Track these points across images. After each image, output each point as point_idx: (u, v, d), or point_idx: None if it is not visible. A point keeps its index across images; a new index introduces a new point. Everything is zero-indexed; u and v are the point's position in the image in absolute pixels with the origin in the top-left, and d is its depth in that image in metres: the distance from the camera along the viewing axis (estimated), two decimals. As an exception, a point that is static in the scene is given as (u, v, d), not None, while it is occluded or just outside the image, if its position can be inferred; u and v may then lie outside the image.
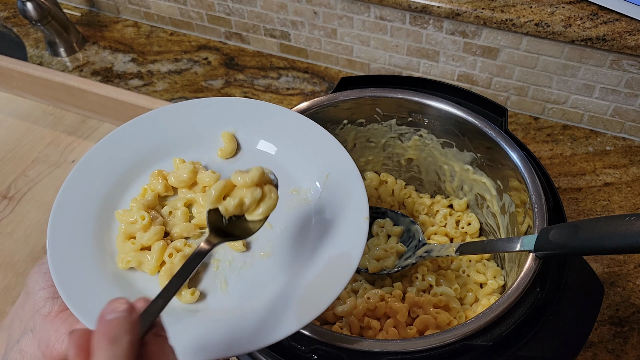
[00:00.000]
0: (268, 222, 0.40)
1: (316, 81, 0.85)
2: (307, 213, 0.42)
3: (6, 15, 0.98)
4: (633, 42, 0.63)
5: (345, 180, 0.42)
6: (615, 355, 0.56)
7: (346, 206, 0.41)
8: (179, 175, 0.42)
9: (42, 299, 0.37)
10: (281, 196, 0.41)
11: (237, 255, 0.40)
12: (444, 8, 0.69)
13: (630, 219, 0.37)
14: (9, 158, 0.79)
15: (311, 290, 0.37)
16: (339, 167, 0.43)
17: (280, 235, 0.41)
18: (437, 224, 0.62)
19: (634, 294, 0.60)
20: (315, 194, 0.42)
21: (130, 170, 0.43)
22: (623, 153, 0.73)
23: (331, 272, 0.38)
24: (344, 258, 0.38)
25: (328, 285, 0.37)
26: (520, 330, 0.42)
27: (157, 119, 0.45)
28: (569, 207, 0.67)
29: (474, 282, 0.57)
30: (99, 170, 0.42)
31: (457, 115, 0.54)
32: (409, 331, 0.51)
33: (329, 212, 0.41)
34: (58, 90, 0.82)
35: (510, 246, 0.46)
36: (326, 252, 0.39)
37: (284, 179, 0.43)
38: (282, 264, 0.40)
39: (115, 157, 0.43)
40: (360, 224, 0.40)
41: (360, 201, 0.41)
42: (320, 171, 0.43)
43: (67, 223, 0.39)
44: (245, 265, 0.39)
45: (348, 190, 0.42)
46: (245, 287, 0.38)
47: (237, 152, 0.45)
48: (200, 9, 0.88)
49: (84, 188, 0.41)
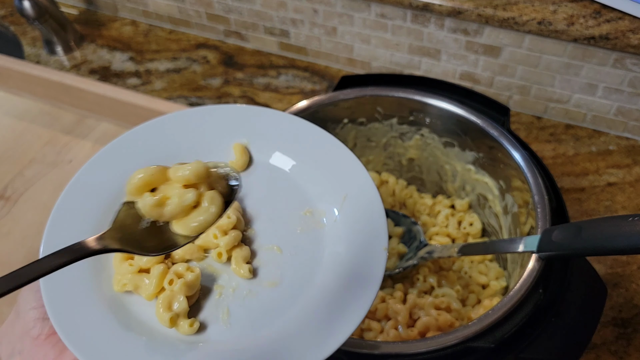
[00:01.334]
0: (277, 247, 0.37)
1: (316, 80, 0.84)
2: (321, 238, 0.38)
3: (3, 14, 0.97)
4: (636, 40, 0.63)
5: (365, 204, 0.38)
6: (618, 357, 0.55)
7: (364, 233, 0.37)
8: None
9: (32, 319, 0.35)
10: (296, 215, 0.38)
11: (242, 282, 0.37)
12: (445, 6, 0.69)
13: (634, 220, 0.36)
14: (6, 158, 0.79)
15: (320, 327, 0.34)
16: (358, 188, 0.39)
17: (290, 262, 0.37)
18: (439, 224, 0.61)
19: (637, 295, 0.59)
20: (331, 218, 0.39)
21: None
22: (626, 153, 0.72)
23: (344, 308, 0.34)
24: (358, 292, 0.34)
25: (339, 322, 0.33)
26: (523, 332, 0.41)
27: (161, 127, 0.41)
28: (571, 207, 0.67)
29: (476, 283, 0.56)
30: (98, 185, 0.39)
31: (459, 114, 0.53)
32: (410, 333, 0.50)
33: (345, 239, 0.37)
34: (55, 89, 0.81)
35: (512, 247, 0.46)
36: (340, 285, 0.35)
37: (298, 198, 0.39)
38: (290, 296, 0.36)
39: (115, 169, 0.39)
40: (378, 255, 0.36)
41: (379, 229, 0.37)
42: (338, 192, 0.39)
43: (62, 241, 0.35)
44: (250, 294, 0.36)
45: (367, 215, 0.38)
46: (249, 319, 0.35)
47: (249, 165, 0.41)
48: (198, 7, 0.88)
49: (81, 204, 0.38)
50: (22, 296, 0.36)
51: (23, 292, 0.36)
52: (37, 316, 0.35)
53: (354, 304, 0.34)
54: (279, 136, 0.42)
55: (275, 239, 0.38)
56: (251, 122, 0.42)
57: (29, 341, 0.35)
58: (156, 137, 0.41)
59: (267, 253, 0.38)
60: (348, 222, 0.38)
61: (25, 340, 0.35)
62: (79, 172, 0.39)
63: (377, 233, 0.37)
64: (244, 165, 0.41)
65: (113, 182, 0.39)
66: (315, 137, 0.41)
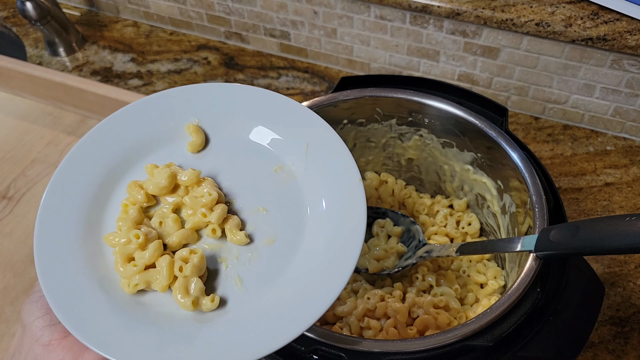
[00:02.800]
0: (263, 207, 0.40)
1: (316, 81, 0.85)
2: (298, 188, 0.40)
3: (5, 15, 0.98)
4: (634, 41, 0.63)
5: (328, 147, 0.41)
6: (615, 355, 0.55)
7: (335, 172, 0.40)
8: (157, 182, 0.39)
9: (39, 328, 0.35)
10: (269, 174, 0.41)
11: (241, 249, 0.38)
12: (444, 8, 0.69)
13: (631, 219, 0.37)
14: (8, 158, 0.79)
15: (328, 262, 0.36)
16: (317, 135, 0.41)
17: (278, 217, 0.40)
18: (438, 224, 0.61)
19: (634, 294, 0.60)
20: (301, 167, 0.41)
21: (103, 187, 0.40)
22: (624, 153, 0.73)
23: (342, 239, 0.37)
24: (349, 223, 0.37)
25: (343, 251, 0.36)
26: (521, 330, 0.42)
27: (115, 125, 0.42)
28: (569, 207, 0.67)
29: (474, 282, 0.57)
30: (71, 196, 0.39)
31: (458, 115, 0.54)
32: (409, 331, 0.51)
33: (320, 183, 0.40)
34: (57, 90, 0.82)
35: (510, 246, 0.46)
36: (330, 222, 0.38)
37: (264, 159, 0.41)
38: (289, 246, 0.38)
39: (83, 177, 0.40)
40: (355, 188, 0.38)
41: (348, 165, 0.39)
42: (299, 143, 0.41)
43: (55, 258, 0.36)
44: (253, 257, 0.38)
45: (332, 156, 0.40)
46: (261, 278, 0.37)
47: (207, 143, 0.42)
48: (200, 9, 0.88)
49: (62, 218, 0.38)
50: (25, 310, 0.36)
51: (26, 306, 0.36)
52: (44, 324, 0.35)
53: (350, 230, 0.37)
54: (227, 107, 0.43)
55: (257, 201, 0.40)
56: (195, 100, 0.43)
57: (39, 349, 0.35)
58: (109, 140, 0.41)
59: (254, 216, 0.39)
60: (317, 167, 0.40)
61: (36, 349, 0.35)
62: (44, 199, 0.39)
63: (347, 168, 0.39)
64: (201, 143, 0.42)
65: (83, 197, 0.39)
66: (265, 99, 0.43)
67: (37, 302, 0.36)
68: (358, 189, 0.38)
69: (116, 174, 0.41)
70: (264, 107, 0.43)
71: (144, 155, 0.42)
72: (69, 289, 0.35)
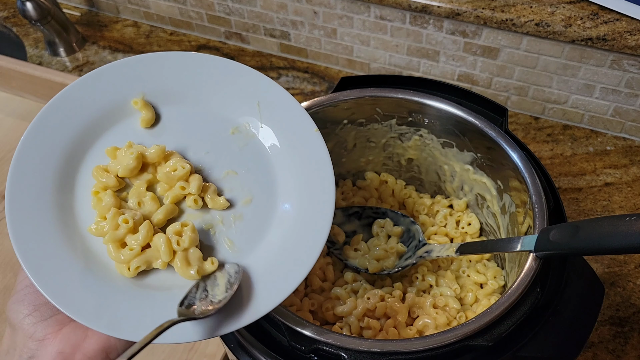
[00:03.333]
0: (232, 170, 0.41)
1: (316, 81, 0.85)
2: (259, 146, 0.42)
3: (6, 15, 0.98)
4: (633, 42, 0.63)
5: (279, 103, 0.42)
6: (615, 355, 0.56)
7: (290, 126, 0.41)
8: (126, 164, 0.38)
9: (30, 325, 0.35)
10: (227, 138, 0.42)
11: (224, 213, 0.40)
12: (444, 8, 0.69)
13: (631, 219, 0.37)
14: (8, 158, 0.79)
15: (311, 207, 0.38)
16: (266, 93, 0.42)
17: (249, 176, 0.41)
18: (437, 224, 0.62)
19: (634, 294, 0.60)
20: (256, 126, 0.42)
21: (65, 175, 0.39)
22: (623, 153, 0.73)
23: (314, 186, 0.39)
24: (316, 170, 0.39)
25: (320, 197, 0.38)
26: (521, 330, 0.42)
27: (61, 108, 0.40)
28: (569, 207, 0.67)
29: (474, 282, 0.57)
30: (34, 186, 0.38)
31: (458, 115, 0.54)
32: (409, 331, 0.51)
33: (278, 135, 0.42)
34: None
35: (510, 246, 0.46)
36: (297, 173, 0.40)
37: (220, 123, 0.42)
38: (267, 201, 0.40)
39: (41, 165, 0.38)
40: (314, 138, 0.40)
41: (302, 117, 0.41)
42: (251, 102, 0.42)
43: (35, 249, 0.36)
44: (237, 218, 0.40)
45: (285, 111, 0.42)
46: (249, 236, 0.39)
47: (158, 117, 0.42)
48: (200, 9, 0.88)
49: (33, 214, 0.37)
50: (12, 310, 0.36)
51: (11, 306, 0.36)
52: (34, 320, 0.35)
53: (320, 181, 0.39)
54: (172, 77, 0.43)
55: (225, 165, 0.41)
56: (139, 74, 0.42)
57: (36, 345, 0.35)
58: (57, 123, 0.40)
59: (226, 180, 0.41)
60: (272, 123, 0.42)
61: (30, 344, 0.35)
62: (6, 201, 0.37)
63: (302, 121, 0.41)
64: (152, 117, 0.42)
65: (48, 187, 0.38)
66: (209, 65, 0.43)
67: (22, 301, 0.36)
68: (317, 138, 0.41)
69: (74, 159, 0.40)
70: (210, 73, 0.43)
71: (97, 137, 0.41)
72: (56, 273, 0.35)
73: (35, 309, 0.36)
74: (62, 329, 0.35)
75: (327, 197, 0.39)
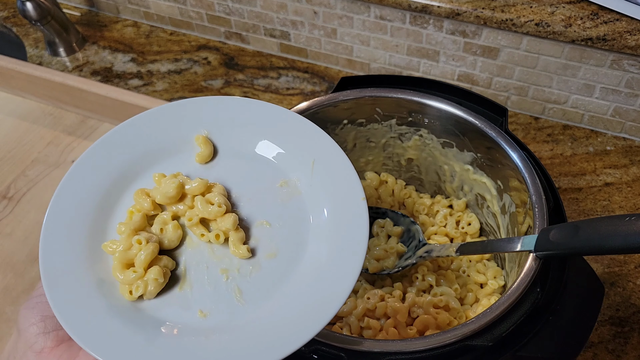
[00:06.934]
0: (266, 221, 0.40)
1: (316, 81, 0.85)
2: (302, 204, 0.41)
3: (6, 15, 0.98)
4: (633, 42, 0.63)
5: (333, 164, 0.41)
6: (615, 355, 0.56)
7: (340, 191, 0.40)
8: (165, 191, 0.39)
9: (33, 335, 0.35)
10: (272, 190, 0.41)
11: (243, 262, 0.39)
12: (444, 8, 0.69)
13: (631, 219, 0.37)
14: (9, 158, 0.79)
15: (327, 279, 0.36)
16: (323, 151, 0.42)
17: (281, 232, 0.40)
18: (437, 224, 0.62)
19: (634, 294, 0.60)
20: (306, 183, 0.41)
21: (110, 194, 0.40)
22: (623, 153, 0.73)
23: (343, 254, 0.37)
24: (350, 242, 0.37)
25: (342, 272, 0.36)
26: (521, 330, 0.42)
27: (126, 133, 0.42)
28: (569, 207, 0.67)
29: (474, 282, 0.57)
30: (78, 201, 0.39)
31: (458, 115, 0.54)
32: (409, 331, 0.51)
33: (324, 200, 0.40)
34: (58, 90, 0.82)
35: (510, 246, 0.46)
36: (331, 241, 0.38)
37: (270, 173, 0.42)
38: (290, 261, 0.39)
39: (91, 183, 0.40)
40: (358, 206, 0.39)
41: (353, 183, 0.40)
42: (306, 158, 0.42)
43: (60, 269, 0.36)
44: (254, 270, 0.38)
45: (338, 174, 0.41)
46: (260, 291, 0.37)
47: (215, 155, 0.43)
48: (200, 9, 0.88)
49: (67, 225, 0.38)
50: (21, 314, 0.36)
51: (23, 311, 0.37)
52: (38, 331, 0.35)
53: (350, 251, 0.37)
54: (237, 120, 0.43)
55: (261, 214, 0.40)
56: (206, 112, 0.43)
57: (33, 356, 0.35)
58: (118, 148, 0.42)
59: (257, 229, 0.40)
60: (322, 184, 0.41)
61: (29, 355, 0.35)
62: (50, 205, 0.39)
63: (352, 187, 0.40)
64: (209, 155, 0.42)
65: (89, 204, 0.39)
66: (273, 114, 0.43)
67: (33, 309, 0.36)
68: (362, 207, 0.39)
69: (124, 181, 0.41)
70: (272, 121, 0.43)
71: (152, 164, 0.42)
72: (71, 295, 0.35)
73: (42, 319, 0.36)
74: (60, 345, 0.35)
75: (353, 269, 0.36)
